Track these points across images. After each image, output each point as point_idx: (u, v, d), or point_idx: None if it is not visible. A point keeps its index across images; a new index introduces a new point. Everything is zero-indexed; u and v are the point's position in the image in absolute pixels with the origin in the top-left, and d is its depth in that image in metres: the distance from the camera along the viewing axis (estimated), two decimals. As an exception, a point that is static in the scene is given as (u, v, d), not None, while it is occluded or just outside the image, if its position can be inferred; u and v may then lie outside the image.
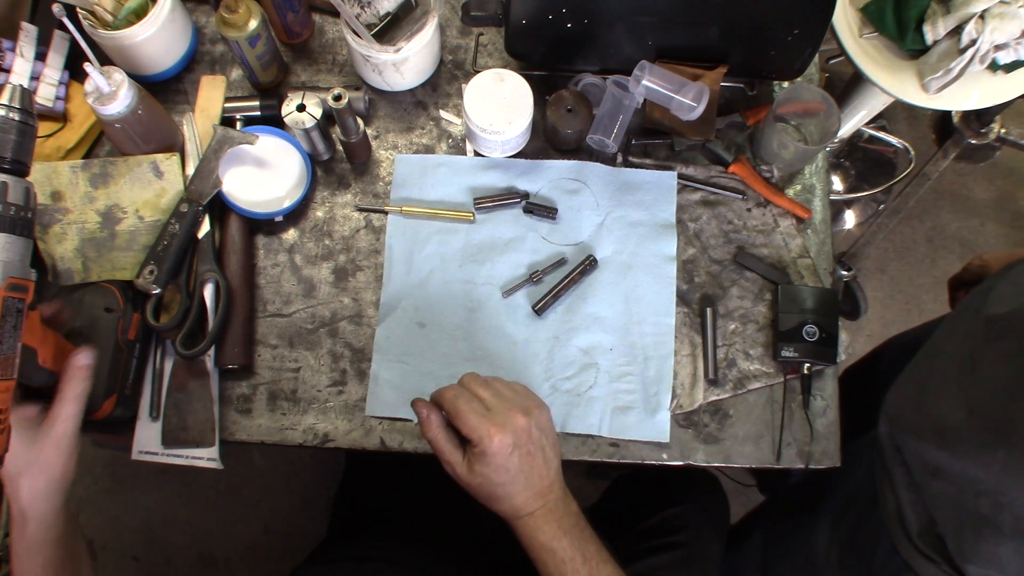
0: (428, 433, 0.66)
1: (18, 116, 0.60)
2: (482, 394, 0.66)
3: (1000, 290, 0.71)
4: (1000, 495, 0.62)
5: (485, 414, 0.63)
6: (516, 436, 0.63)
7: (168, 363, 0.83)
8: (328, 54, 0.95)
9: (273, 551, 1.60)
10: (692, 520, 0.92)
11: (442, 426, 0.66)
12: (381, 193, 0.90)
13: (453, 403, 0.64)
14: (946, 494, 0.70)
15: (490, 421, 0.63)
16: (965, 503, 0.66)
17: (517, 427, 0.63)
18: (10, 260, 0.59)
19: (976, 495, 0.65)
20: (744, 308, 0.86)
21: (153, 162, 0.84)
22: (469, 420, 0.63)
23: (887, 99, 1.19)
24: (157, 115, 0.84)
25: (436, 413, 0.66)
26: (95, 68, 0.75)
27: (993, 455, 0.62)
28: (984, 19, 0.91)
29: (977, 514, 0.65)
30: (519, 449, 0.64)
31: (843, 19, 1.01)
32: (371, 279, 0.88)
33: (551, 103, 0.87)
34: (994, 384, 0.64)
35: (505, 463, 0.63)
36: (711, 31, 0.83)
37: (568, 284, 0.85)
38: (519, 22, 0.83)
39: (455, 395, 0.65)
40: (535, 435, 0.65)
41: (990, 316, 0.68)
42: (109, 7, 0.84)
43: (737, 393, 0.84)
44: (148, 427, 0.82)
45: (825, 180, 0.91)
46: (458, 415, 0.64)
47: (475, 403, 0.64)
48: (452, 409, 0.64)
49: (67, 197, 0.83)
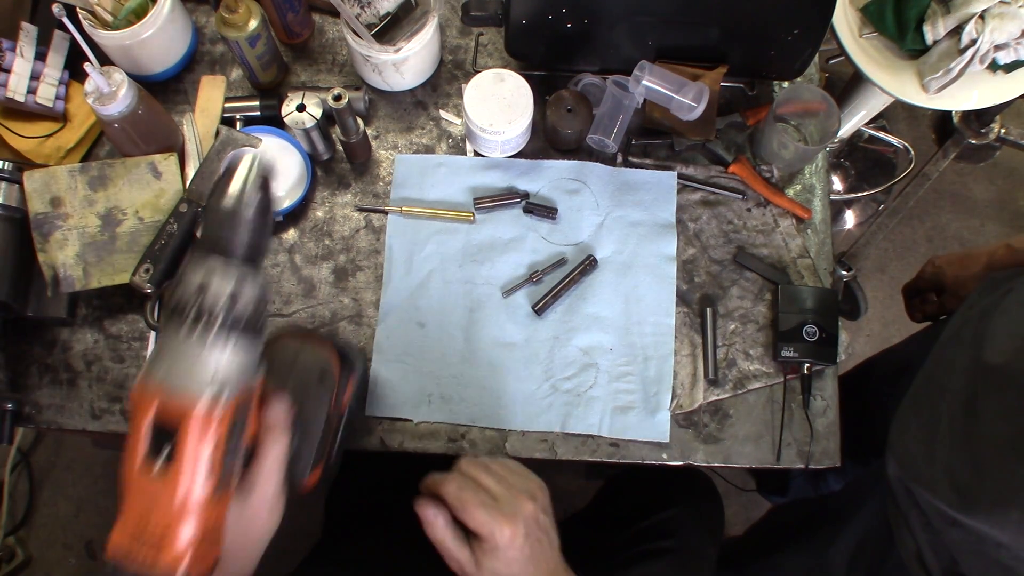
0: (436, 534, 0.61)
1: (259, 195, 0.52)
2: (486, 482, 0.61)
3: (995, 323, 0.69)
4: (1020, 551, 0.61)
5: (494, 506, 0.59)
6: (526, 526, 0.60)
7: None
8: (328, 54, 0.95)
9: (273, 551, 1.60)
10: (686, 523, 0.92)
11: (449, 525, 0.61)
12: (381, 193, 0.90)
13: (458, 497, 0.60)
14: (966, 541, 0.68)
15: (500, 513, 0.59)
16: (987, 552, 0.65)
17: (527, 516, 0.60)
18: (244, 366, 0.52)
19: (996, 547, 0.63)
20: (744, 308, 0.86)
21: (151, 163, 0.84)
22: (478, 515, 0.59)
23: (887, 99, 1.19)
24: (157, 115, 0.84)
25: (444, 513, 0.61)
26: (95, 68, 0.75)
27: (1006, 516, 0.60)
28: (984, 19, 0.91)
29: (1000, 563, 0.64)
30: (528, 538, 0.60)
31: (843, 19, 1.01)
32: (371, 279, 0.88)
33: (551, 103, 0.87)
34: (999, 440, 0.63)
35: (516, 555, 0.60)
36: (711, 31, 0.83)
37: (568, 284, 0.85)
38: (519, 22, 0.83)
39: (459, 487, 0.60)
40: (542, 520, 0.62)
41: (988, 365, 0.66)
42: (109, 7, 0.84)
43: (737, 393, 0.84)
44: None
45: (825, 180, 0.91)
46: (465, 510, 0.59)
47: (481, 494, 0.60)
48: (457, 503, 0.60)
49: (66, 202, 0.83)
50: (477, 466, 0.63)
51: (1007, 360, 0.64)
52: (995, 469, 0.62)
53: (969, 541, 0.67)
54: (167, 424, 0.50)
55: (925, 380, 0.78)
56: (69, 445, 1.67)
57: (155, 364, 0.51)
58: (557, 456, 0.82)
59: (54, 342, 0.86)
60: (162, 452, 0.50)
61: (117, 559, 0.51)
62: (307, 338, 0.72)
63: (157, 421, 0.50)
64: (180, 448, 0.50)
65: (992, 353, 0.66)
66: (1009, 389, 0.63)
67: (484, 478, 0.62)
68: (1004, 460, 0.62)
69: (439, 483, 0.62)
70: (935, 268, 0.92)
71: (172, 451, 0.50)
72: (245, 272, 0.52)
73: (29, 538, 1.63)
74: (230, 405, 0.51)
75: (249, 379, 0.53)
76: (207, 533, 0.53)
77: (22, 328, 0.86)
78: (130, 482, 0.51)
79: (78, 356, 0.86)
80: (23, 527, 1.63)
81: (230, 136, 0.84)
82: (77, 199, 0.83)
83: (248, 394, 0.53)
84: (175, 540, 0.51)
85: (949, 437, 0.69)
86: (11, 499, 1.63)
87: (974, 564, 0.68)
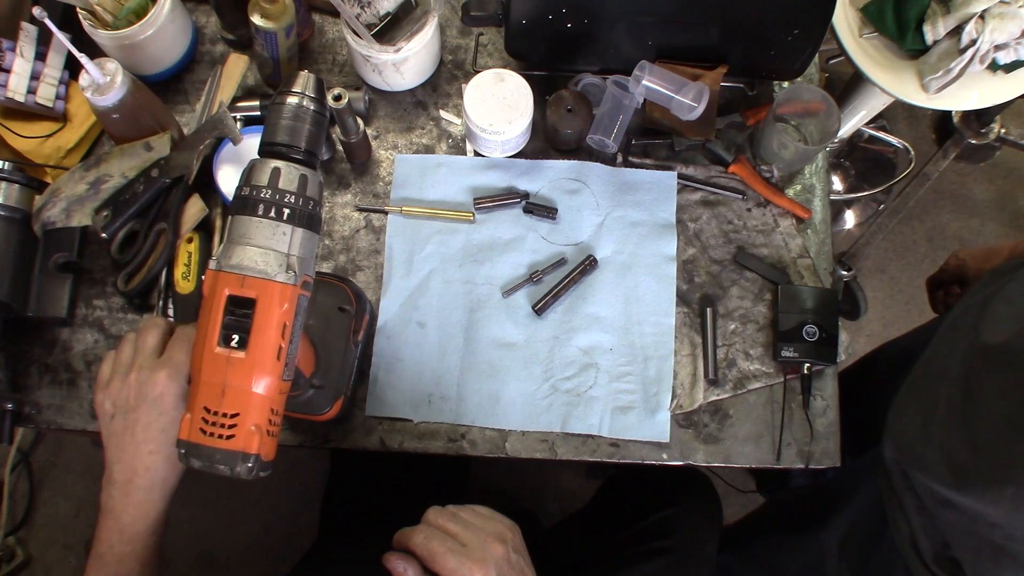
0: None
1: (314, 106, 0.58)
2: (452, 529, 0.61)
3: (995, 309, 0.70)
4: (1014, 529, 0.62)
5: (462, 551, 0.59)
6: (498, 568, 0.59)
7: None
8: (328, 54, 0.95)
9: (273, 551, 1.60)
10: (685, 522, 0.92)
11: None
12: (381, 193, 0.90)
13: (426, 547, 0.60)
14: (959, 522, 0.69)
15: (469, 559, 0.59)
16: (979, 532, 0.66)
17: (497, 558, 0.60)
18: (305, 257, 0.57)
19: (990, 527, 0.64)
20: (744, 308, 0.86)
21: (146, 142, 0.85)
22: (448, 562, 0.58)
23: (887, 99, 1.19)
24: (152, 102, 0.84)
25: (414, 565, 0.60)
26: (87, 59, 0.75)
27: (1002, 492, 0.61)
28: (984, 19, 0.91)
29: (992, 543, 0.65)
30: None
31: (843, 19, 1.01)
32: (371, 279, 0.88)
33: (551, 103, 0.87)
34: (996, 418, 0.64)
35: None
36: (711, 31, 0.83)
37: (568, 284, 0.85)
38: (519, 22, 0.83)
39: (426, 538, 0.60)
40: (514, 560, 0.61)
41: (987, 345, 0.67)
42: (109, 7, 0.84)
43: (737, 393, 0.84)
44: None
45: (825, 180, 0.91)
46: (434, 559, 0.59)
47: (449, 541, 0.60)
48: (426, 553, 0.60)
49: (64, 191, 0.85)
50: (444, 515, 0.63)
51: (1006, 339, 0.65)
52: (992, 447, 0.63)
53: (962, 522, 0.68)
54: (241, 308, 0.55)
55: (924, 365, 0.79)
56: (69, 445, 1.67)
57: (227, 253, 0.56)
58: (557, 456, 0.82)
59: (54, 342, 0.86)
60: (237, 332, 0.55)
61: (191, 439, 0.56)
62: (323, 277, 0.79)
63: (231, 304, 0.56)
64: (255, 328, 0.55)
65: (991, 334, 0.67)
66: (1008, 368, 0.64)
67: (450, 526, 0.61)
68: (1001, 437, 0.63)
69: (407, 536, 0.61)
70: (958, 261, 0.93)
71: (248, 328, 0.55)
72: (308, 169, 0.57)
73: (29, 538, 1.63)
74: (296, 290, 0.56)
75: (310, 271, 0.58)
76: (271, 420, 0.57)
77: (22, 328, 0.86)
78: (205, 361, 0.56)
79: (78, 356, 0.86)
80: (23, 527, 1.63)
81: (221, 119, 0.83)
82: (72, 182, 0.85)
83: (308, 284, 0.58)
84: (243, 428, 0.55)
85: (947, 418, 0.70)
86: (11, 499, 1.63)
87: (966, 545, 0.69)
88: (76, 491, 1.66)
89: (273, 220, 0.56)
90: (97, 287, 0.87)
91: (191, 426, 0.56)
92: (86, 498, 1.66)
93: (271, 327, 0.55)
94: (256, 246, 0.55)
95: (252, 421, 0.56)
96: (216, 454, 0.55)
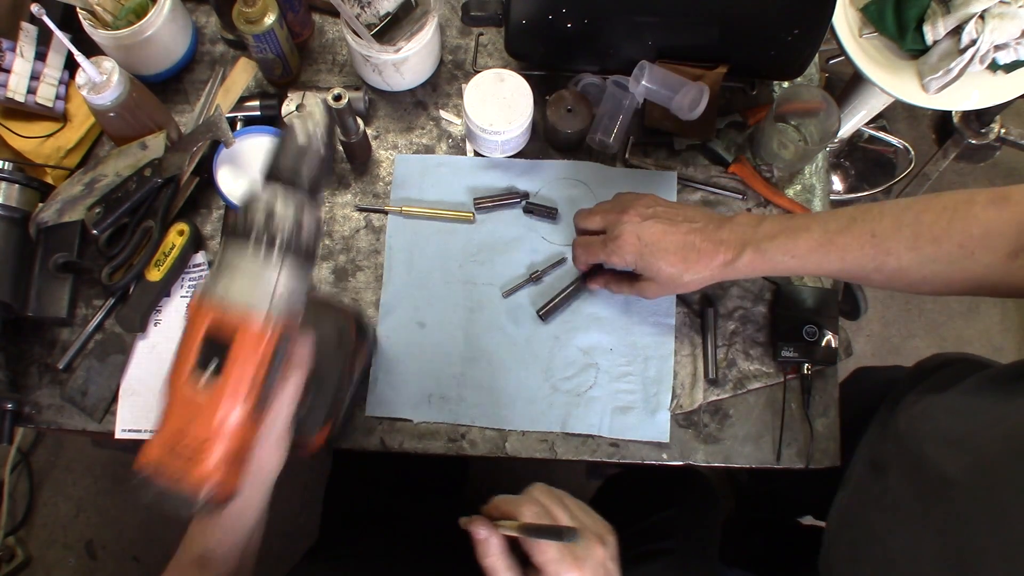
0: (487, 559, 0.57)
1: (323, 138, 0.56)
2: (560, 516, 0.58)
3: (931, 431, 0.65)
4: None
5: (567, 545, 0.56)
6: (594, 572, 0.56)
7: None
8: (328, 54, 0.95)
9: (273, 551, 1.60)
10: (685, 523, 0.92)
11: (503, 553, 0.57)
12: (381, 193, 0.90)
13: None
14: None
15: (572, 554, 0.55)
16: None
17: (596, 562, 0.56)
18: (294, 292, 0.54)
19: None
20: (744, 308, 0.86)
21: (141, 141, 0.85)
22: (550, 552, 0.55)
23: (887, 99, 1.19)
24: (150, 102, 0.84)
25: (498, 536, 0.57)
26: (83, 57, 0.75)
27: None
28: (984, 19, 0.91)
29: None
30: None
31: (843, 19, 1.01)
32: (371, 279, 0.88)
33: (551, 103, 0.87)
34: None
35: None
36: (711, 31, 0.83)
37: (575, 291, 0.85)
38: (519, 22, 0.83)
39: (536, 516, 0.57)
40: (609, 568, 0.58)
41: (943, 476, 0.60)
42: (109, 7, 0.84)
43: (737, 393, 0.84)
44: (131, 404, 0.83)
45: (825, 180, 0.91)
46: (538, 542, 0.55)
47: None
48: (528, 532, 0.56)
49: (61, 194, 0.85)
50: (552, 496, 0.60)
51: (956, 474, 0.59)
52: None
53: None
54: (220, 338, 0.52)
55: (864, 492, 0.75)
56: (69, 445, 1.67)
57: (215, 279, 0.53)
58: (557, 456, 0.82)
59: (54, 342, 0.86)
60: (210, 365, 0.52)
61: (148, 470, 0.52)
62: (327, 301, 0.76)
63: (210, 334, 0.52)
64: (230, 360, 0.52)
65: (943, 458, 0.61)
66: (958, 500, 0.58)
67: (558, 512, 0.58)
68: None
69: (511, 504, 0.58)
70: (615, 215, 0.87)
71: (221, 364, 0.52)
72: (308, 202, 0.55)
73: (29, 538, 1.64)
74: (279, 326, 0.53)
75: (298, 306, 0.55)
76: (236, 454, 0.54)
77: (22, 328, 0.86)
78: (174, 393, 0.53)
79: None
80: (23, 527, 1.63)
81: (216, 122, 0.84)
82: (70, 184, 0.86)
83: (294, 321, 0.55)
84: (208, 455, 0.52)
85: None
86: (11, 499, 1.63)
87: None
88: (76, 491, 1.66)
89: (264, 251, 0.53)
90: (97, 287, 0.87)
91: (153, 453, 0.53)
92: (86, 498, 1.66)
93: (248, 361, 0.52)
94: (243, 276, 0.53)
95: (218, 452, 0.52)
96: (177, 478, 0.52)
